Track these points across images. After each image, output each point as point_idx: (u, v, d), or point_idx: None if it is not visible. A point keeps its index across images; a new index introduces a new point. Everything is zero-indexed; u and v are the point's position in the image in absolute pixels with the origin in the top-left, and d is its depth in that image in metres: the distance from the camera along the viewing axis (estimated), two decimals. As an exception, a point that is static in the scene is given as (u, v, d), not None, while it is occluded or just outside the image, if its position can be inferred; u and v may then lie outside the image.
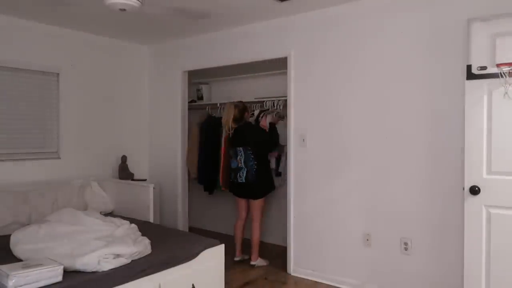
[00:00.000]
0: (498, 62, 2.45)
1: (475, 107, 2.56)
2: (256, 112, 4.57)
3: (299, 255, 3.84)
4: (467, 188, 2.58)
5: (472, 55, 2.56)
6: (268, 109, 4.52)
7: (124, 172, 4.58)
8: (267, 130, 4.22)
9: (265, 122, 4.31)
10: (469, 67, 2.57)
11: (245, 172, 3.97)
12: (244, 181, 3.98)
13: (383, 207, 3.34)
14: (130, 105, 4.94)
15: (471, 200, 2.58)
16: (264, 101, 4.64)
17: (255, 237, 4.04)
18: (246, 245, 4.81)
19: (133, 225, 3.11)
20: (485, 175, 2.55)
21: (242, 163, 4.00)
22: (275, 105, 4.51)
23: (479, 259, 2.58)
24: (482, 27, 2.53)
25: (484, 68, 2.51)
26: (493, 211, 2.54)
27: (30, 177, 3.96)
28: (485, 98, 2.54)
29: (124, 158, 4.63)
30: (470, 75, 2.56)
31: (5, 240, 2.81)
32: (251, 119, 4.47)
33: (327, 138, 3.65)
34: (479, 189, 2.54)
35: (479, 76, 2.53)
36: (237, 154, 4.05)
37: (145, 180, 4.77)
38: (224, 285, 3.11)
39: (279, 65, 4.13)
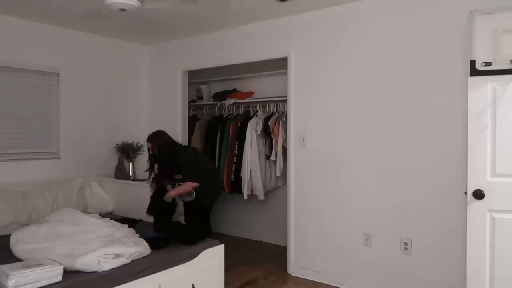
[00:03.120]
0: (506, 57, 2.34)
1: (479, 105, 2.44)
2: (260, 114, 4.56)
3: (299, 255, 3.84)
4: (470, 192, 2.45)
5: (475, 50, 2.43)
6: (273, 113, 4.53)
7: (120, 173, 4.58)
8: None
9: (278, 129, 4.30)
10: (472, 63, 2.44)
11: None
12: None
13: (383, 207, 3.34)
14: (130, 105, 4.94)
15: (475, 205, 2.44)
16: (265, 101, 4.66)
17: None
18: (245, 245, 4.82)
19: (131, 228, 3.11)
20: (489, 178, 2.42)
21: None
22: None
23: (483, 265, 2.45)
24: (485, 20, 2.41)
25: (489, 64, 2.39)
26: (496, 215, 2.41)
27: (30, 177, 3.96)
28: (489, 95, 2.42)
29: (121, 159, 4.63)
30: (474, 71, 2.43)
31: (5, 240, 2.80)
32: (253, 120, 4.48)
33: (327, 138, 3.65)
34: (483, 193, 2.41)
35: (483, 72, 2.41)
36: None
37: (145, 180, 4.76)
38: (224, 285, 3.11)
39: (279, 65, 4.13)
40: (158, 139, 3.53)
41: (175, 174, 3.41)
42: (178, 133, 4.77)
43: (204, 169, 3.51)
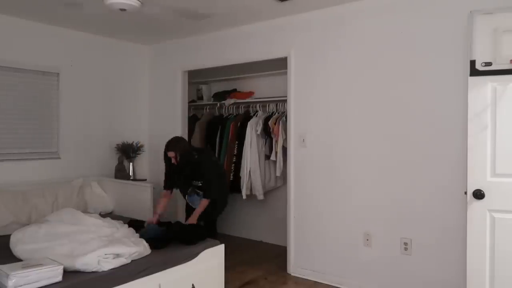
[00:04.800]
0: (506, 57, 2.34)
1: (479, 105, 2.44)
2: (260, 114, 4.56)
3: (299, 255, 3.84)
4: (470, 192, 2.45)
5: (475, 50, 2.44)
6: (273, 114, 4.53)
7: (120, 173, 4.58)
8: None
9: (278, 129, 4.29)
10: (472, 63, 2.45)
11: None
12: None
13: (383, 207, 3.34)
14: (130, 105, 4.94)
15: (475, 204, 2.45)
16: (265, 102, 4.66)
17: None
18: (245, 245, 4.82)
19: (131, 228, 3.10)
20: (489, 178, 2.43)
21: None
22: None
23: (482, 265, 2.45)
24: (485, 20, 2.41)
25: (489, 64, 2.40)
26: (496, 215, 2.42)
27: (30, 177, 3.96)
28: (489, 95, 2.42)
29: (121, 159, 4.63)
30: (474, 71, 2.44)
31: (5, 240, 2.81)
32: (253, 120, 4.48)
33: (327, 138, 3.65)
34: (483, 193, 2.41)
35: (483, 72, 2.42)
36: None
37: (145, 180, 4.77)
38: (224, 285, 3.11)
39: (279, 65, 4.13)
40: (180, 146, 3.46)
41: (194, 180, 3.48)
42: (178, 133, 4.77)
43: (222, 174, 3.67)
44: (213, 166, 3.59)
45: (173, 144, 3.45)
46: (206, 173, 3.45)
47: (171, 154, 3.41)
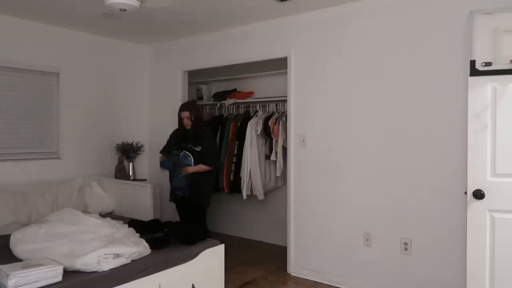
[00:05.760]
0: (506, 57, 2.35)
1: (479, 105, 2.45)
2: (260, 114, 4.57)
3: (299, 255, 3.84)
4: (470, 191, 2.45)
5: (475, 50, 2.44)
6: (273, 114, 4.53)
7: (120, 173, 4.58)
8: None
9: (278, 129, 4.30)
10: (472, 63, 2.45)
11: None
12: None
13: (383, 207, 3.34)
14: (130, 105, 4.94)
15: (475, 204, 2.45)
16: (265, 101, 4.66)
17: None
18: (245, 245, 4.82)
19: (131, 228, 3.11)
20: (489, 178, 2.43)
21: None
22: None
23: (482, 265, 2.45)
24: (485, 20, 2.42)
25: (489, 64, 2.40)
26: (496, 215, 2.42)
27: (30, 177, 3.96)
28: (489, 95, 2.43)
29: (121, 159, 4.63)
30: (474, 71, 2.44)
31: (5, 240, 2.80)
32: (253, 120, 4.48)
33: (327, 138, 3.65)
34: (483, 193, 2.41)
35: (483, 72, 2.42)
36: None
37: (145, 180, 4.77)
38: (224, 285, 3.11)
39: (279, 65, 4.13)
40: (196, 107, 3.69)
41: (192, 146, 3.54)
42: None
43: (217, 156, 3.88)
44: (215, 142, 3.89)
45: (190, 104, 3.69)
46: (208, 142, 3.58)
47: (185, 113, 3.54)
